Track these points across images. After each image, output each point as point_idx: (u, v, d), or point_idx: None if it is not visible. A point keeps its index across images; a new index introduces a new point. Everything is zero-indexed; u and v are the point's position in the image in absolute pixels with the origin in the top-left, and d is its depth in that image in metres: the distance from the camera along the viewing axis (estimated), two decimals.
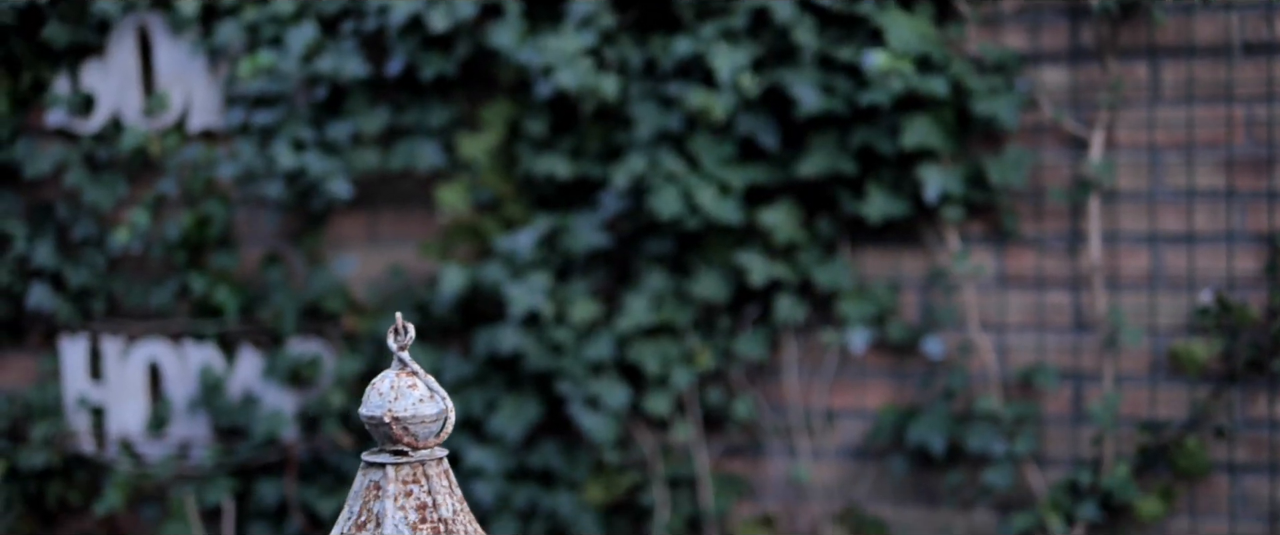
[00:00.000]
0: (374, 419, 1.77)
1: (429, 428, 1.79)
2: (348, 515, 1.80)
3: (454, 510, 1.78)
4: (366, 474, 1.80)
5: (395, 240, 4.03)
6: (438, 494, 1.77)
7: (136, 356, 4.19)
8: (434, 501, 1.77)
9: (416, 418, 1.77)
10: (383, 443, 1.79)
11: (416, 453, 1.79)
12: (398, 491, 1.76)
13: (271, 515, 4.10)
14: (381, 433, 1.78)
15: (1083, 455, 3.61)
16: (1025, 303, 3.63)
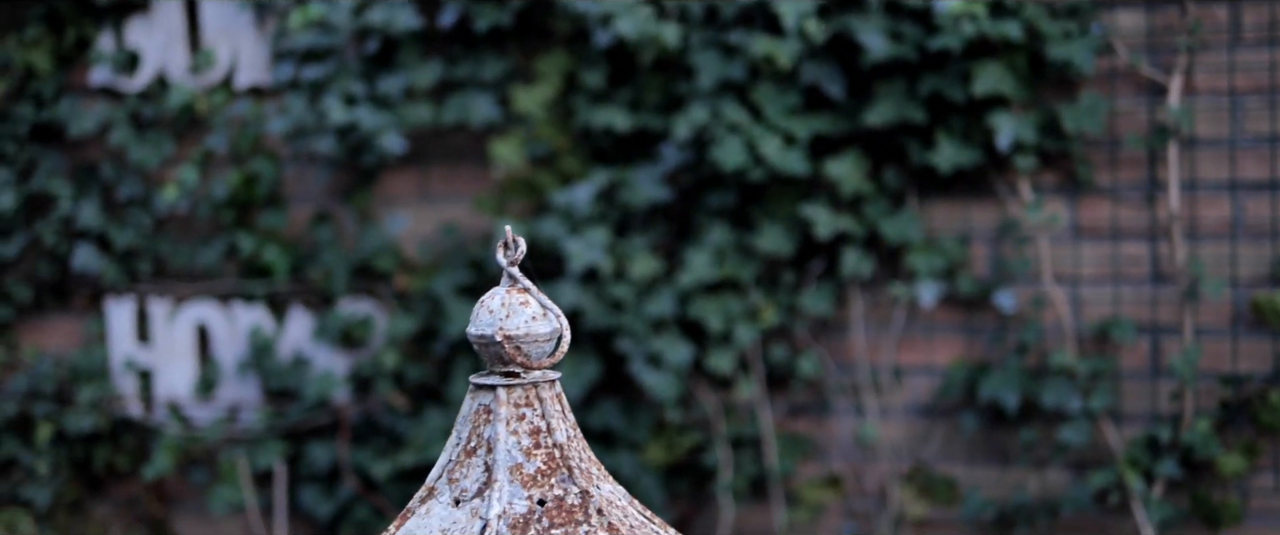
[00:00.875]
0: (484, 338, 1.61)
1: (542, 347, 1.62)
2: (456, 441, 1.64)
3: (568, 436, 1.62)
4: (475, 397, 1.63)
5: (447, 197, 3.87)
6: (551, 418, 1.61)
7: (184, 318, 4.03)
8: (548, 426, 1.61)
9: (529, 336, 1.60)
10: (492, 364, 1.62)
11: (529, 374, 1.62)
12: (510, 415, 1.60)
13: (324, 478, 3.93)
14: (491, 353, 1.61)
15: (1161, 411, 3.43)
16: (1100, 254, 3.46)
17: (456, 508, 1.60)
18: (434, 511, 1.61)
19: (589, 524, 1.59)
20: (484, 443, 1.61)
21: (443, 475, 1.63)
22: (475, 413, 1.62)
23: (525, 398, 1.61)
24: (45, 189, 4.04)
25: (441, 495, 1.62)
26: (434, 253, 3.83)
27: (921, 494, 3.59)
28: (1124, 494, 3.40)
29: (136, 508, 4.08)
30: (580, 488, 1.61)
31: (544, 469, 1.59)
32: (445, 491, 1.62)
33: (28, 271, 4.14)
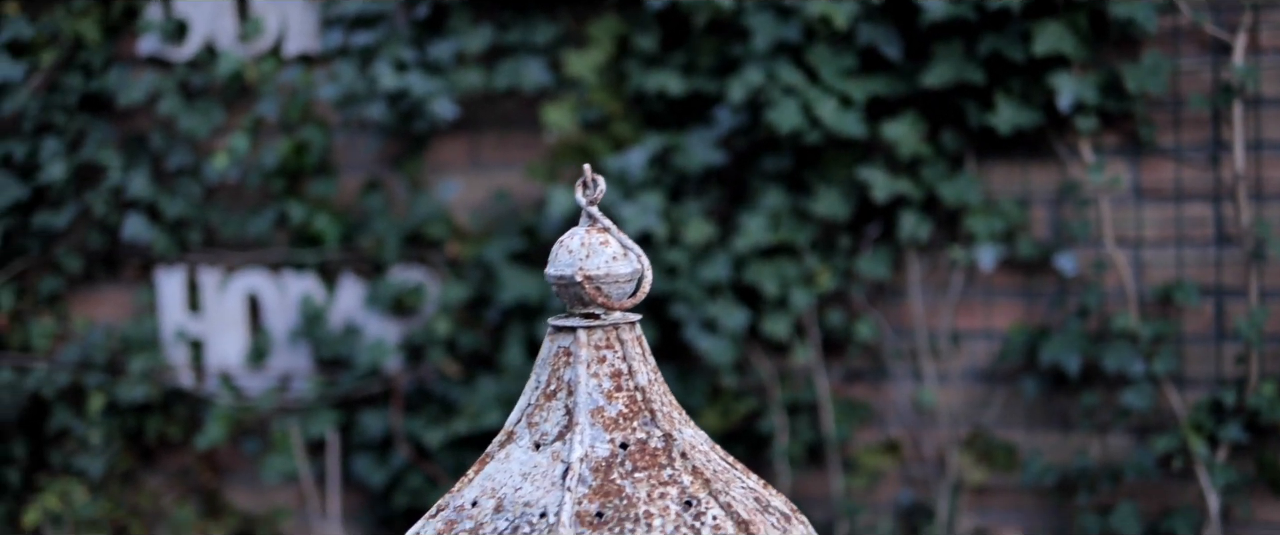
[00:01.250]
0: (563, 278, 1.56)
1: (623, 288, 1.57)
2: (535, 385, 1.59)
3: (649, 379, 1.57)
4: (554, 340, 1.58)
5: (499, 164, 3.82)
6: (632, 361, 1.56)
7: (235, 288, 3.99)
8: (629, 368, 1.56)
9: (610, 277, 1.55)
10: (572, 305, 1.58)
11: (609, 316, 1.57)
12: (590, 357, 1.55)
13: (376, 447, 3.89)
14: (571, 294, 1.56)
15: (1226, 375, 3.37)
16: (1163, 216, 3.40)
17: (537, 451, 1.56)
18: (514, 456, 1.57)
19: (673, 467, 1.54)
20: (564, 386, 1.56)
21: (522, 419, 1.59)
22: (555, 355, 1.57)
23: (606, 340, 1.56)
24: (95, 159, 4.01)
25: (521, 439, 1.58)
26: (486, 220, 3.79)
27: (980, 460, 3.54)
28: (1187, 459, 3.34)
29: (189, 478, 4.05)
30: (663, 431, 1.56)
31: (626, 412, 1.55)
32: (525, 435, 1.58)
33: (78, 242, 4.11)
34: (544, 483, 1.52)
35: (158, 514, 4.08)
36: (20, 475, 4.13)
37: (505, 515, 1.52)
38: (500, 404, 3.71)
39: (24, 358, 4.09)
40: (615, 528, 1.48)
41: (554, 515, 1.48)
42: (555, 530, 1.46)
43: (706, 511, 1.52)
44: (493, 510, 1.54)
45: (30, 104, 4.02)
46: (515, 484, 1.54)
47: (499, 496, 1.54)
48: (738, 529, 1.52)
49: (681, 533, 1.50)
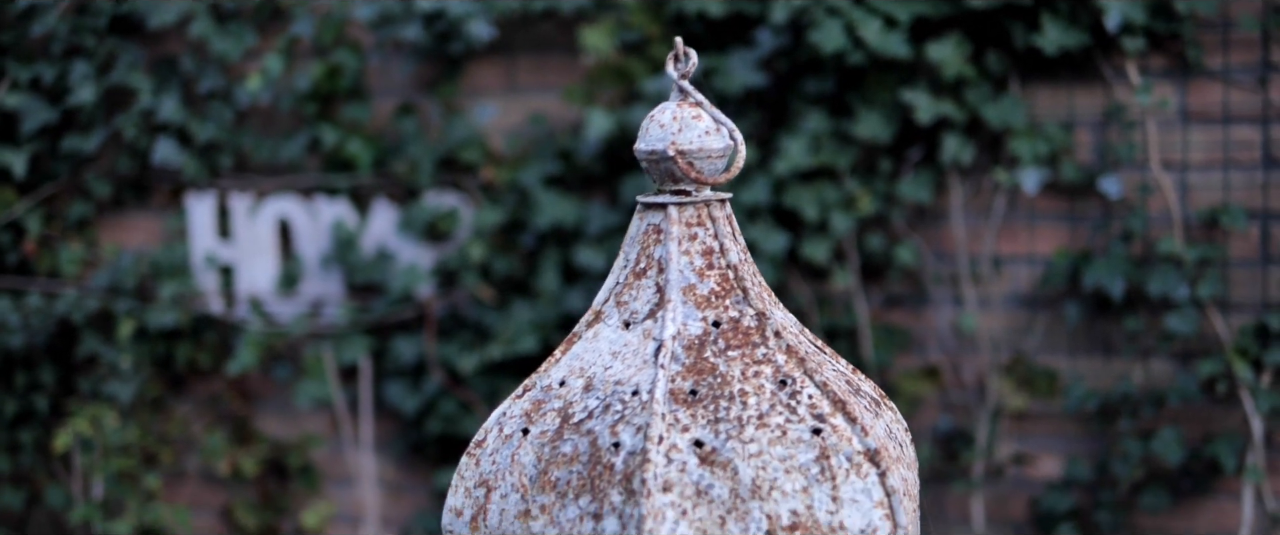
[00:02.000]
0: (654, 154, 1.51)
1: (715, 164, 1.53)
2: (623, 263, 1.55)
3: (740, 258, 1.53)
4: (644, 217, 1.54)
5: (535, 88, 3.77)
6: (724, 239, 1.52)
7: (266, 213, 3.95)
8: (721, 246, 1.52)
9: (702, 151, 1.51)
10: (662, 181, 1.53)
11: (701, 192, 1.53)
12: (681, 234, 1.51)
13: (409, 373, 3.86)
14: (662, 170, 1.52)
15: (1272, 299, 3.33)
16: (1210, 139, 3.35)
17: (627, 330, 1.52)
18: (603, 335, 1.53)
19: (766, 346, 1.50)
20: (654, 263, 1.52)
21: (609, 299, 1.55)
22: (644, 233, 1.53)
23: (697, 217, 1.52)
24: (125, 82, 3.96)
25: (609, 319, 1.54)
26: (521, 144, 3.74)
27: (1021, 386, 3.50)
28: (1231, 384, 3.30)
29: (218, 405, 4.02)
30: (756, 310, 1.52)
31: (718, 290, 1.51)
32: (613, 314, 1.54)
33: (107, 167, 4.06)
34: (635, 361, 1.48)
35: (187, 441, 4.05)
36: (49, 401, 4.09)
37: (595, 394, 1.48)
38: (535, 329, 3.67)
39: (53, 283, 4.06)
40: (710, 405, 1.44)
41: (647, 393, 1.44)
42: (649, 407, 1.42)
43: (801, 391, 1.48)
44: (582, 389, 1.50)
45: (59, 26, 3.96)
46: (605, 363, 1.50)
47: (588, 376, 1.51)
48: (833, 408, 1.48)
49: (777, 411, 1.46)
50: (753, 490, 1.42)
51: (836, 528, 1.44)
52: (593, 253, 3.61)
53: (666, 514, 1.39)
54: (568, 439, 1.47)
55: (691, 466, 1.41)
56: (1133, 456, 3.36)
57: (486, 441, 1.54)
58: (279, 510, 3.99)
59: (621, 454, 1.43)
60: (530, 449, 1.49)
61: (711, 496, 1.41)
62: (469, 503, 1.52)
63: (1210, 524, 3.38)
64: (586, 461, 1.44)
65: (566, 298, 3.65)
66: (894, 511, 1.46)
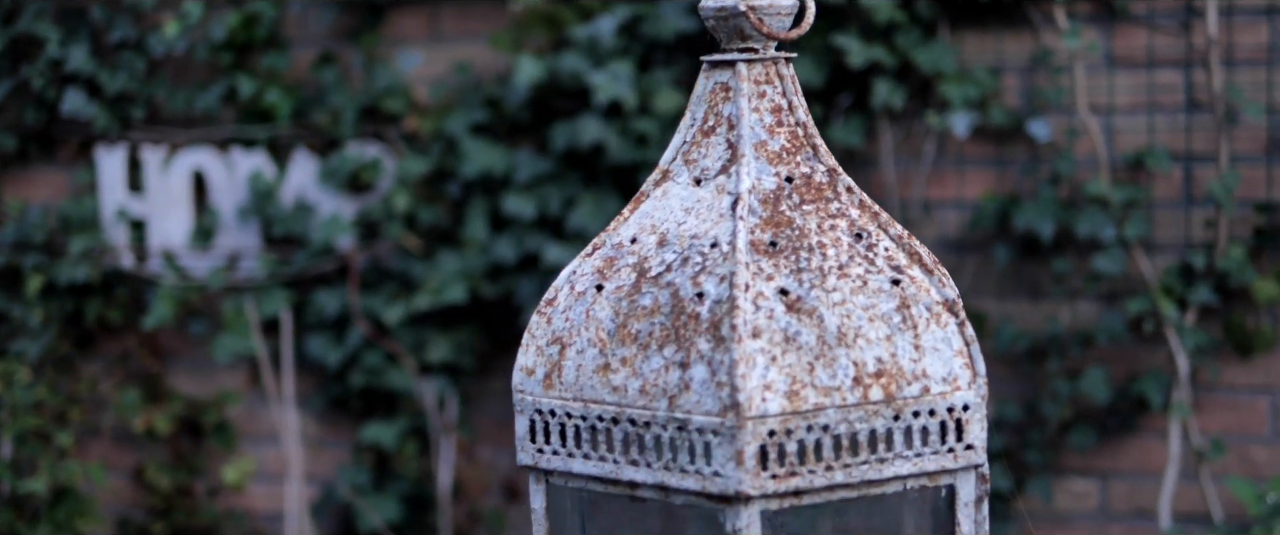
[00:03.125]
0: (724, 9, 1.50)
1: (783, 20, 1.52)
2: (690, 123, 1.53)
3: (806, 116, 1.53)
4: (710, 76, 1.53)
5: (460, 36, 3.73)
6: (791, 96, 1.51)
7: (179, 165, 3.86)
8: (789, 103, 1.51)
9: (772, 7, 1.50)
10: (729, 39, 1.52)
11: (769, 49, 1.53)
12: (751, 91, 1.50)
13: (331, 326, 3.80)
14: (730, 26, 1.51)
15: (1194, 239, 3.41)
16: (1135, 83, 3.42)
17: (698, 186, 1.50)
18: (672, 192, 1.52)
19: (839, 201, 1.50)
20: (724, 120, 1.51)
21: (677, 157, 1.53)
22: (711, 92, 1.52)
23: (765, 74, 1.51)
24: (31, 31, 3.85)
25: (678, 176, 1.52)
26: (446, 93, 3.71)
27: None
28: (1157, 322, 3.37)
29: (129, 363, 3.92)
30: (827, 166, 1.52)
31: (789, 147, 1.50)
32: (682, 172, 1.52)
33: (13, 119, 3.95)
34: (710, 215, 1.47)
35: (97, 401, 3.94)
36: None
37: (671, 248, 1.47)
38: (463, 278, 3.63)
39: None
40: (790, 256, 1.43)
41: (727, 244, 1.43)
42: (732, 257, 1.41)
43: (877, 243, 1.48)
44: (656, 245, 1.48)
45: None
46: (677, 219, 1.49)
47: (660, 232, 1.49)
48: (909, 260, 1.48)
49: (856, 262, 1.46)
50: (839, 338, 1.42)
51: (920, 375, 1.44)
52: (522, 201, 3.59)
53: (757, 360, 1.38)
54: (646, 292, 1.45)
55: (779, 313, 1.41)
56: (1061, 396, 3.41)
57: (557, 300, 1.51)
58: (193, 470, 3.90)
59: (707, 303, 1.41)
60: (606, 304, 1.47)
61: (799, 343, 1.40)
62: (541, 360, 1.50)
63: (1136, 462, 3.44)
64: (669, 312, 1.43)
65: (495, 246, 3.62)
66: (973, 360, 1.47)
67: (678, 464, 1.41)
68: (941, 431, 1.46)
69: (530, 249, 3.60)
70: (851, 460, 1.43)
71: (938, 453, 1.46)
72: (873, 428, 1.43)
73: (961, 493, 1.49)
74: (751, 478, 1.39)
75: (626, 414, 1.44)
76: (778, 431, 1.39)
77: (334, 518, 3.83)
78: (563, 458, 1.48)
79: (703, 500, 1.42)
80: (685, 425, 1.40)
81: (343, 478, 3.77)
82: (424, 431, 3.75)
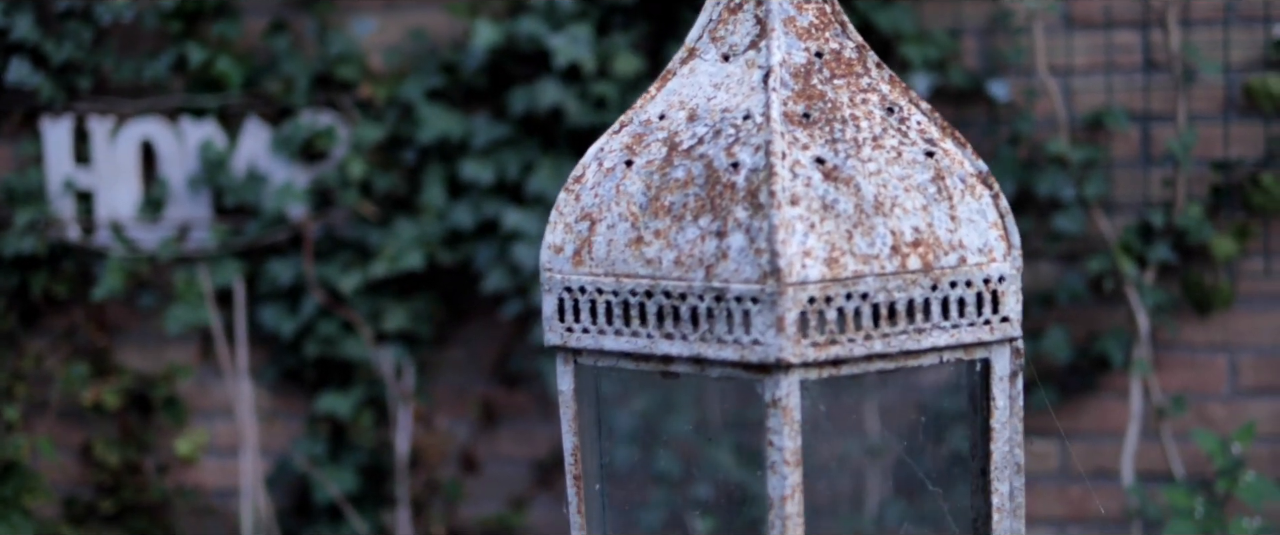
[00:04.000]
0: None
1: None
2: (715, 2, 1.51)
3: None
4: None
5: (414, 3, 3.69)
6: None
7: (128, 136, 3.79)
8: None
9: None
10: None
11: None
12: None
13: (285, 295, 3.74)
14: None
15: (1152, 197, 3.43)
16: (1093, 43, 3.44)
17: (727, 62, 1.48)
18: (700, 69, 1.50)
19: (869, 76, 1.48)
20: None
21: (703, 35, 1.51)
22: None
23: None
24: None
25: (705, 54, 1.50)
26: (401, 59, 3.67)
27: None
28: (1118, 281, 3.39)
29: (76, 337, 3.84)
30: (855, 42, 1.50)
31: (817, 22, 1.49)
32: (710, 50, 1.50)
33: None
34: (741, 89, 1.45)
35: (43, 376, 3.86)
36: None
37: (702, 122, 1.45)
38: (420, 245, 3.59)
39: None
40: (824, 127, 1.42)
41: (761, 115, 1.41)
42: (766, 128, 1.39)
43: (909, 117, 1.47)
44: (686, 120, 1.46)
45: None
46: (707, 94, 1.47)
47: (690, 107, 1.47)
48: (942, 133, 1.47)
49: (889, 134, 1.44)
50: (876, 206, 1.40)
51: (956, 245, 1.43)
52: (479, 166, 3.55)
53: (796, 226, 1.37)
54: (679, 165, 1.43)
55: (816, 181, 1.39)
56: (1023, 356, 3.41)
57: (585, 177, 1.49)
58: (142, 446, 3.83)
59: (743, 173, 1.39)
60: (637, 178, 1.45)
61: (837, 211, 1.39)
62: (570, 237, 1.47)
63: (1096, 421, 3.45)
64: (703, 183, 1.41)
65: (453, 213, 3.59)
66: (1008, 232, 1.45)
67: (715, 334, 1.39)
68: (978, 303, 1.45)
69: (488, 215, 3.56)
70: (890, 330, 1.41)
71: (974, 324, 1.45)
72: (911, 297, 1.41)
73: (996, 367, 1.48)
74: (792, 345, 1.37)
75: (661, 286, 1.41)
76: (817, 298, 1.38)
77: (289, 490, 3.77)
78: (593, 335, 1.46)
79: (740, 371, 1.40)
80: (723, 294, 1.38)
81: (298, 449, 3.71)
82: (380, 401, 3.70)
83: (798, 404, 1.39)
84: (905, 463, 1.45)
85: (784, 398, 1.38)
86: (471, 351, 3.72)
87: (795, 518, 1.40)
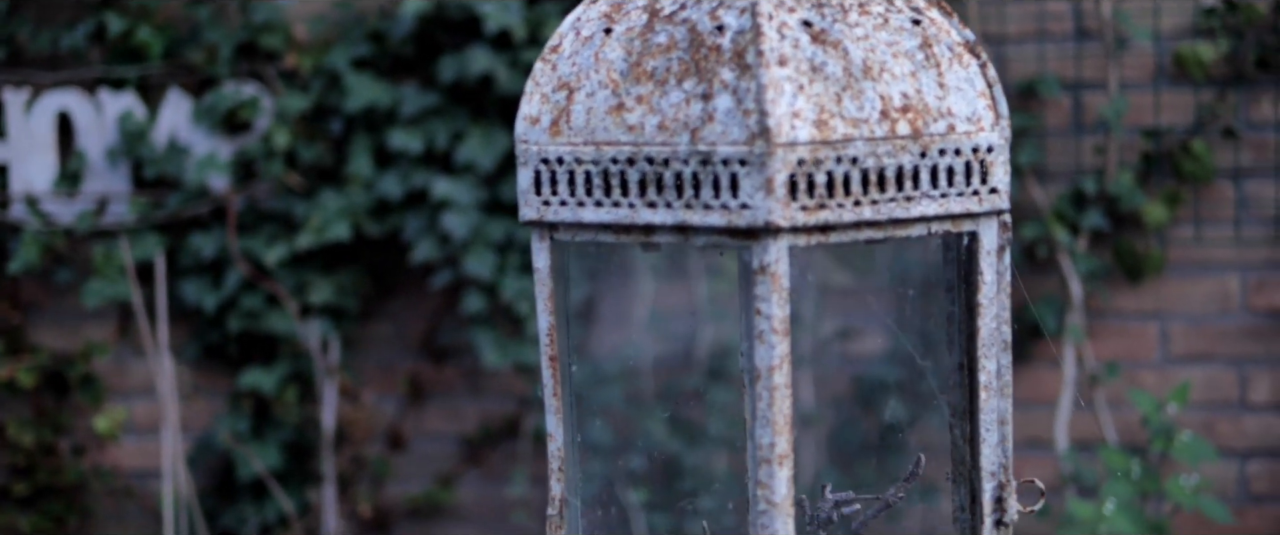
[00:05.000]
0: None
1: None
2: None
3: None
4: None
5: None
6: None
7: (44, 108, 3.69)
8: None
9: None
10: None
11: None
12: None
13: (207, 269, 3.65)
14: None
15: (1085, 165, 3.42)
16: (1025, 12, 3.43)
17: None
18: None
19: None
20: None
21: None
22: None
23: None
24: None
25: None
26: (326, 29, 3.60)
27: (838, 263, 3.51)
28: (1051, 248, 3.38)
29: None
30: None
31: None
32: None
33: None
34: None
35: None
36: None
37: None
38: (346, 215, 3.52)
39: None
40: None
41: None
42: None
43: None
44: None
45: None
46: None
47: None
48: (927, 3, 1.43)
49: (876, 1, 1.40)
50: (864, 71, 1.36)
51: (945, 113, 1.39)
52: (407, 135, 3.49)
53: (785, 87, 1.32)
54: (660, 30, 1.39)
55: (804, 43, 1.35)
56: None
57: (562, 46, 1.44)
58: (57, 427, 3.72)
59: (728, 35, 1.35)
60: (617, 45, 1.40)
61: (826, 73, 1.35)
62: (547, 108, 1.42)
63: (1029, 390, 3.44)
64: (686, 47, 1.36)
65: (381, 183, 3.52)
66: (996, 102, 1.42)
67: (701, 200, 1.34)
68: (966, 172, 1.41)
69: (417, 185, 3.50)
70: (879, 196, 1.37)
71: (963, 195, 1.41)
72: (900, 164, 1.37)
73: (984, 240, 1.44)
74: (781, 208, 1.32)
75: (643, 153, 1.36)
76: (807, 161, 1.33)
77: (211, 470, 3.68)
78: (572, 208, 1.40)
79: (726, 238, 1.35)
80: (709, 158, 1.34)
81: (221, 426, 3.62)
82: (305, 377, 3.62)
83: (786, 271, 1.35)
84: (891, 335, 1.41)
85: (773, 264, 1.34)
86: (399, 326, 3.65)
87: (783, 389, 1.35)
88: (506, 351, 3.46)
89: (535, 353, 3.44)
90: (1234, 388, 3.39)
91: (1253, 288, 3.37)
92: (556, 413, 1.46)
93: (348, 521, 3.61)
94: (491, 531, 3.64)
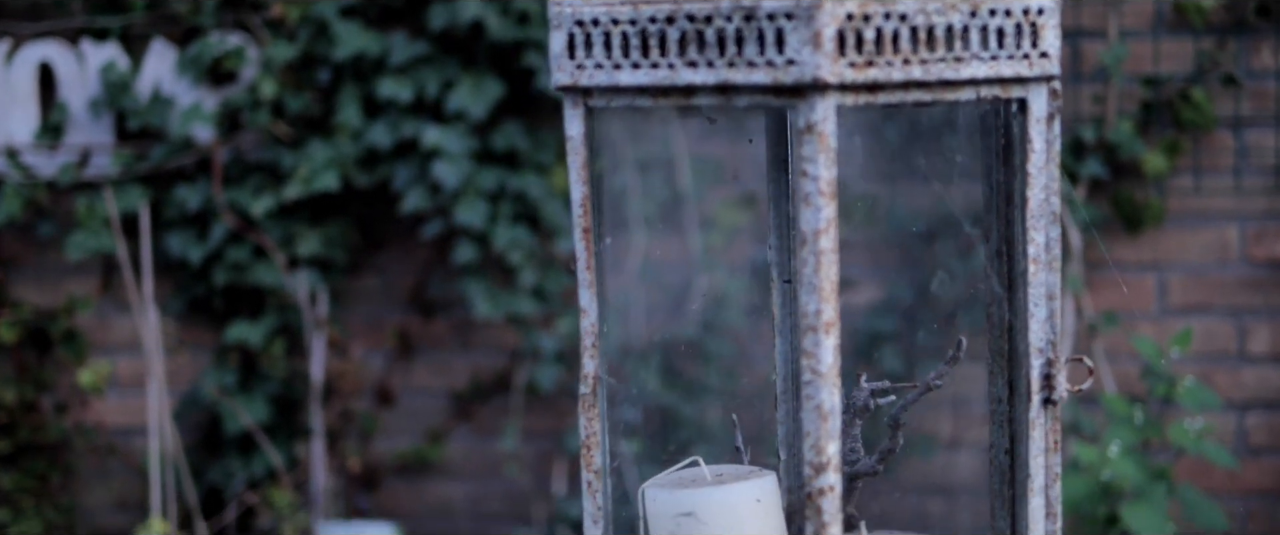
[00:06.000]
0: None
1: None
2: None
3: None
4: None
5: None
6: None
7: (25, 59, 3.61)
8: None
9: None
10: None
11: None
12: None
13: (193, 221, 3.58)
14: None
15: (1083, 113, 3.38)
16: None
17: None
18: None
19: None
20: None
21: None
22: None
23: None
24: None
25: None
26: None
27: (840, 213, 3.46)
28: None
29: None
30: None
31: None
32: None
33: None
34: None
35: None
36: None
37: None
38: (334, 165, 3.45)
39: None
40: None
41: None
42: None
43: None
44: None
45: None
46: None
47: None
48: None
49: None
50: None
51: None
52: (397, 84, 3.43)
53: None
54: None
55: None
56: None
57: None
58: (40, 384, 3.64)
59: None
60: None
61: None
62: None
63: None
64: None
65: (370, 132, 3.45)
66: None
67: (744, 58, 1.29)
68: (1017, 34, 1.36)
69: (407, 134, 3.43)
70: (928, 56, 1.32)
71: (1013, 57, 1.36)
72: (950, 22, 1.32)
73: (1034, 107, 1.39)
74: (830, 63, 1.27)
75: (684, 10, 1.31)
76: (856, 15, 1.28)
77: (197, 425, 3.60)
78: (607, 71, 1.35)
79: (771, 98, 1.29)
80: (753, 13, 1.28)
81: (207, 380, 3.55)
82: (293, 330, 3.55)
83: (835, 130, 1.30)
84: None
85: (820, 123, 1.28)
86: (388, 278, 3.58)
87: (830, 253, 1.30)
88: (499, 302, 3.40)
89: (528, 303, 3.38)
90: (1233, 339, 3.35)
91: (1252, 238, 3.33)
92: (589, 287, 1.40)
93: (336, 476, 3.54)
94: (482, 487, 3.58)
